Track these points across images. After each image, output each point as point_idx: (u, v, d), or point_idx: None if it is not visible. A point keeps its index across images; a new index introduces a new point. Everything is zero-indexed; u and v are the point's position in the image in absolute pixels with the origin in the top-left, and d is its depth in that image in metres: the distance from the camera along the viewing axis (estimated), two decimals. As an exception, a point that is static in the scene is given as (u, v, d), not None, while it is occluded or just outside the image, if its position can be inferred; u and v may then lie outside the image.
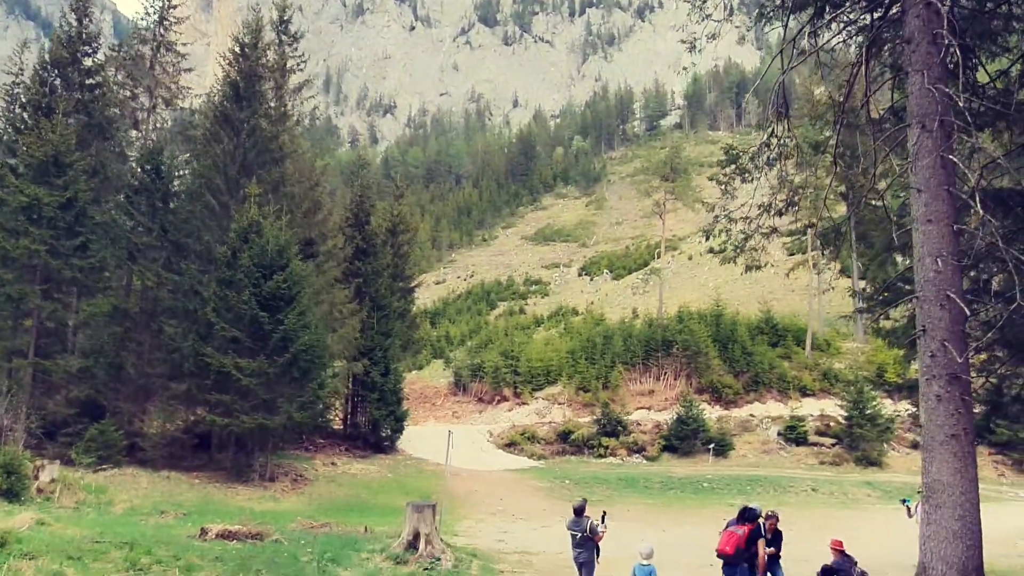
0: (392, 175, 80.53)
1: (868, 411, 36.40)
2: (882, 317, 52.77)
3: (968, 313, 9.29)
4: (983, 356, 15.30)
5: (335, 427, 34.98)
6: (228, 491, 21.80)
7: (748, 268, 56.61)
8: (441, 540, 14.28)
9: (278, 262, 23.00)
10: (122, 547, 11.54)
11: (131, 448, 23.02)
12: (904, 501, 14.50)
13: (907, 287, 12.03)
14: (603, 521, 11.32)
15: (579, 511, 11.36)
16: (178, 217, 25.40)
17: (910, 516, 14.20)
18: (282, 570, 11.75)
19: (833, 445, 37.46)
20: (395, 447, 34.06)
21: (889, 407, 39.12)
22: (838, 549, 11.79)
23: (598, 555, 11.15)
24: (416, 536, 13.79)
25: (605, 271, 79.38)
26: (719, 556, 9.26)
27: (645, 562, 9.99)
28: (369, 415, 33.60)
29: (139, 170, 25.24)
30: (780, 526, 11.35)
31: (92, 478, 20.21)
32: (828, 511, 25.59)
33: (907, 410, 40.29)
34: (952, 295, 9.13)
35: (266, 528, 14.69)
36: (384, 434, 33.63)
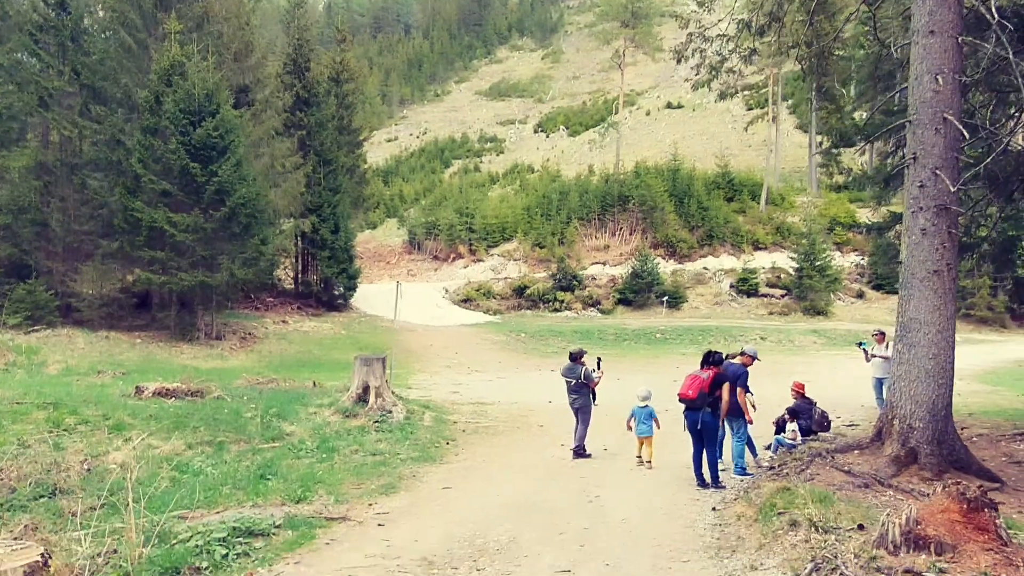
0: (335, 23, 75.26)
1: (818, 263, 36.98)
2: (836, 171, 52.36)
3: (967, 136, 8.51)
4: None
5: (286, 286, 34.14)
6: (172, 350, 21.02)
7: (722, 96, 55.23)
8: (392, 393, 13.83)
9: (207, 108, 21.08)
10: (46, 407, 10.74)
11: (67, 309, 21.88)
12: (860, 344, 14.39)
13: (892, 118, 11.22)
14: (598, 367, 11.13)
15: (574, 358, 11.08)
16: (91, 58, 22.88)
17: (868, 360, 14.15)
18: (223, 427, 11.15)
19: (783, 296, 38.28)
20: (348, 305, 33.52)
21: (838, 259, 39.85)
22: (799, 392, 11.65)
23: (594, 400, 10.97)
24: (366, 389, 13.28)
25: (561, 127, 77.11)
26: (681, 400, 8.83)
27: (643, 403, 10.13)
28: (320, 273, 32.78)
29: (41, 3, 22.39)
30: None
31: (23, 339, 19.18)
32: (777, 357, 26.13)
33: (854, 262, 41.34)
34: (950, 117, 8.31)
35: (208, 385, 14.00)
36: (337, 292, 33.01)
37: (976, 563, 4.08)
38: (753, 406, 9.67)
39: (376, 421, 12.61)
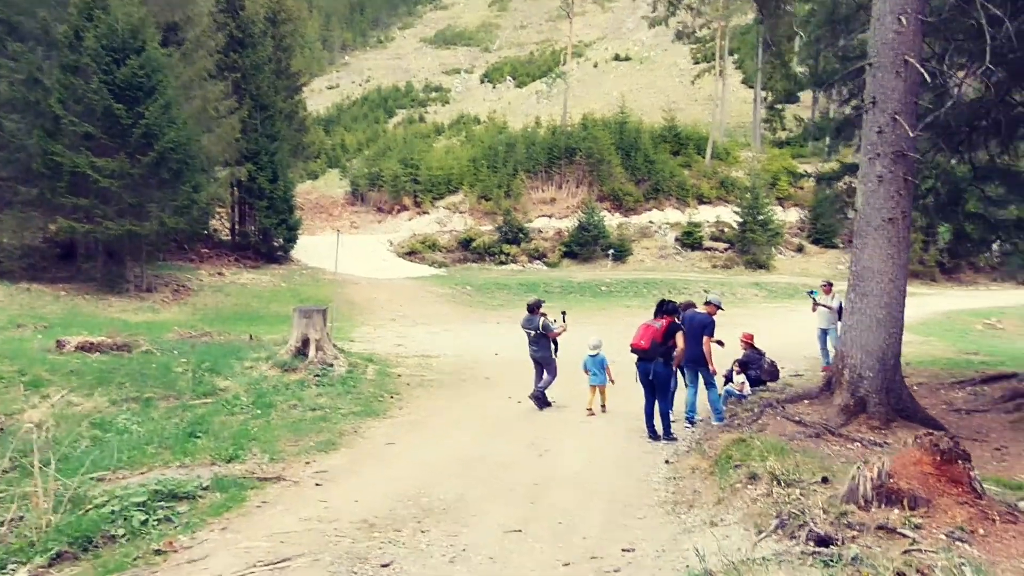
0: (272, -38, 71.67)
1: (761, 217, 37.44)
2: (779, 127, 52.83)
3: (929, 80, 8.30)
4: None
5: (223, 237, 32.83)
6: (99, 303, 19.92)
7: (678, 35, 54.90)
8: (334, 346, 13.29)
9: (131, 45, 19.66)
10: (-47, 362, 9.90)
11: (-16, 260, 20.45)
12: (811, 293, 14.41)
13: (847, 64, 10.97)
14: (563, 320, 10.90)
15: (532, 309, 10.86)
16: (5, -11, 21.05)
17: (814, 310, 14.20)
18: (150, 382, 10.50)
19: (726, 250, 38.69)
20: (289, 257, 32.49)
21: (780, 214, 40.42)
22: (748, 343, 11.57)
23: (556, 350, 10.74)
24: (305, 342, 12.71)
25: (508, 78, 75.73)
26: (633, 351, 8.56)
27: (593, 352, 10.14)
28: (259, 224, 31.53)
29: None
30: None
31: (-67, 291, 17.87)
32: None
33: (795, 217, 41.99)
34: (911, 60, 8.07)
35: (136, 339, 13.23)
36: (277, 244, 31.91)
37: (951, 517, 3.91)
38: (720, 343, 9.69)
39: (316, 375, 12.10)
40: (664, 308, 8.74)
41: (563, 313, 11.14)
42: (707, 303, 9.92)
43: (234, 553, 4.87)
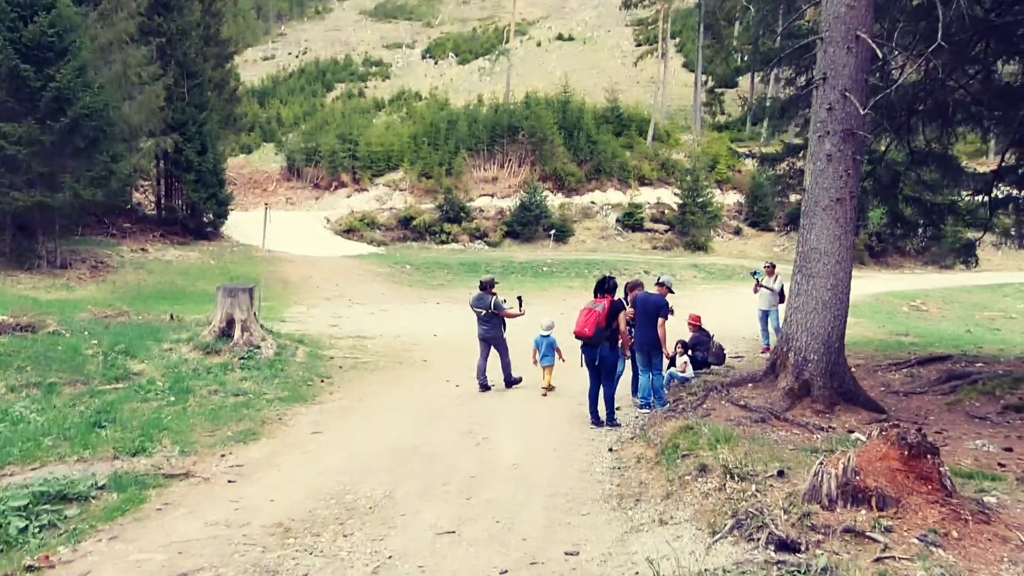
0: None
1: (701, 199, 37.74)
2: (718, 112, 53.58)
3: (880, 56, 8.07)
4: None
5: (148, 212, 31.21)
6: (7, 280, 18.57)
7: (625, 5, 54.71)
8: (262, 327, 12.56)
9: (40, 1, 18.20)
10: None
11: None
12: (754, 274, 14.30)
13: (795, 41, 10.74)
14: (520, 305, 10.58)
15: (484, 287, 10.45)
16: None
17: (756, 291, 14.11)
18: (55, 365, 9.63)
19: (666, 231, 38.89)
20: (219, 233, 31.13)
21: (718, 197, 40.81)
22: (696, 325, 11.32)
23: (504, 329, 10.47)
24: (230, 323, 11.94)
25: (451, 54, 74.43)
26: (578, 338, 8.16)
27: (546, 332, 10.10)
28: (187, 198, 30.05)
29: None
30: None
31: None
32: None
33: (734, 200, 42.51)
34: (863, 35, 7.83)
35: (43, 319, 12.20)
36: (206, 219, 30.51)
37: (923, 518, 3.62)
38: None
39: (241, 358, 11.37)
40: (604, 286, 8.33)
41: (519, 298, 10.81)
42: (659, 284, 9.66)
43: (122, 568, 4.25)
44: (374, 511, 5.25)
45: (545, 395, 9.99)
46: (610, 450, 7.04)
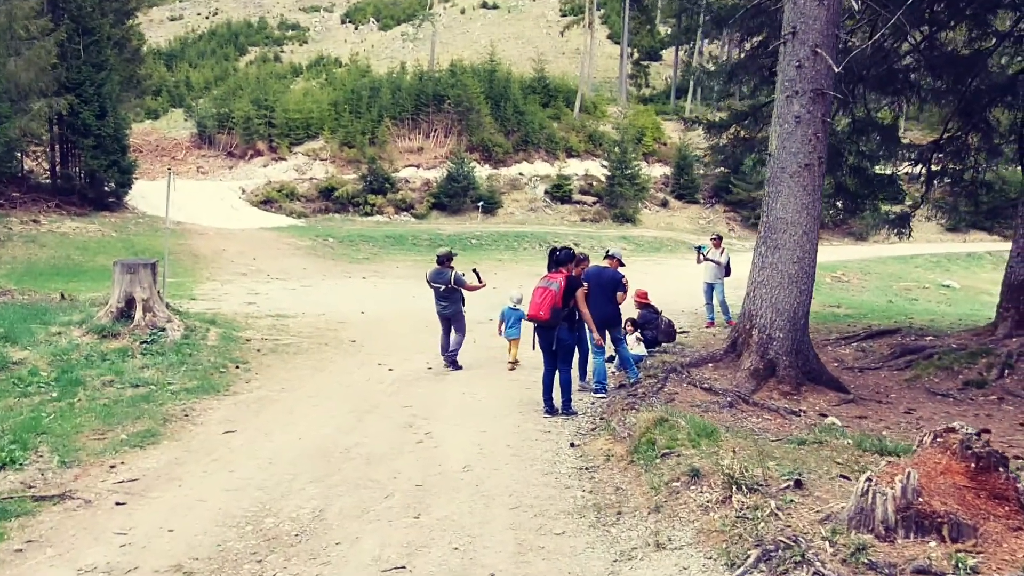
0: None
1: (629, 171, 37.50)
2: (643, 84, 53.57)
3: (857, 7, 7.43)
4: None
5: (42, 180, 28.57)
6: None
7: None
8: (167, 306, 11.22)
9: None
10: None
11: None
12: (700, 248, 13.74)
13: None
14: (478, 278, 9.85)
15: (442, 260, 9.65)
16: None
17: (699, 262, 13.60)
18: (-91, 357, 8.15)
19: (595, 203, 38.56)
20: (122, 203, 28.85)
21: (645, 169, 40.69)
22: (643, 301, 10.65)
23: (463, 306, 9.82)
24: (130, 302, 10.57)
25: (371, 19, 71.71)
26: (531, 320, 7.28)
27: (516, 306, 9.85)
28: (85, 165, 27.63)
29: None
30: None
31: None
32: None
33: (660, 173, 42.50)
34: (840, -18, 7.17)
35: (-97, 300, 10.55)
36: (107, 188, 28.20)
37: (1010, 552, 2.89)
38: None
39: (143, 342, 10.06)
40: (558, 258, 7.45)
41: (475, 271, 10.04)
42: (610, 257, 9.00)
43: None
44: (302, 540, 4.22)
45: (512, 369, 9.72)
46: (572, 445, 6.22)
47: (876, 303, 20.91)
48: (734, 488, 3.92)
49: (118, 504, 4.76)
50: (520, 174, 39.71)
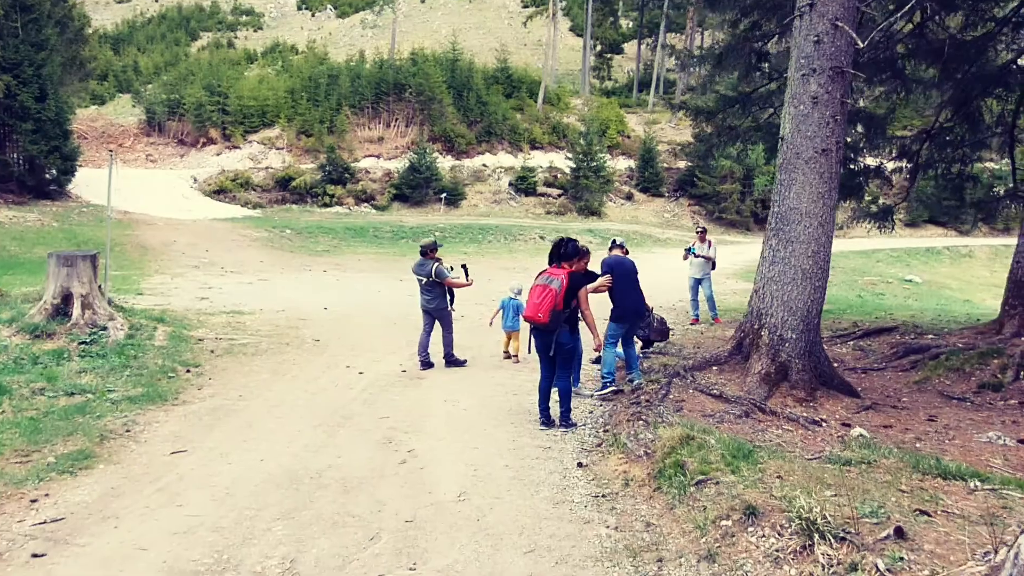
0: None
1: (594, 164, 36.94)
2: (606, 77, 53.21)
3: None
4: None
5: (-25, 168, 26.79)
6: None
7: None
8: (110, 302, 10.14)
9: None
10: None
11: None
12: (689, 250, 13.10)
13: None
14: (466, 275, 9.29)
15: (425, 252, 8.98)
16: None
17: (685, 259, 13.00)
18: None
19: (559, 196, 37.98)
20: (65, 192, 27.30)
21: (610, 162, 40.22)
22: (634, 297, 9.91)
23: (452, 301, 9.23)
24: (67, 298, 9.49)
25: (329, 6, 69.97)
26: (528, 320, 6.44)
27: (516, 296, 9.76)
28: (23, 150, 26.01)
29: None
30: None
31: None
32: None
33: (624, 166, 42.08)
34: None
35: None
36: (48, 176, 26.74)
37: None
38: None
39: (82, 343, 9.01)
40: (562, 252, 6.60)
41: (463, 266, 9.35)
42: (618, 247, 8.54)
43: None
44: (270, 606, 3.38)
45: (517, 362, 9.50)
46: (580, 465, 5.42)
47: (849, 298, 20.61)
48: (816, 536, 3.19)
49: (33, 556, 3.78)
50: (484, 166, 38.87)
